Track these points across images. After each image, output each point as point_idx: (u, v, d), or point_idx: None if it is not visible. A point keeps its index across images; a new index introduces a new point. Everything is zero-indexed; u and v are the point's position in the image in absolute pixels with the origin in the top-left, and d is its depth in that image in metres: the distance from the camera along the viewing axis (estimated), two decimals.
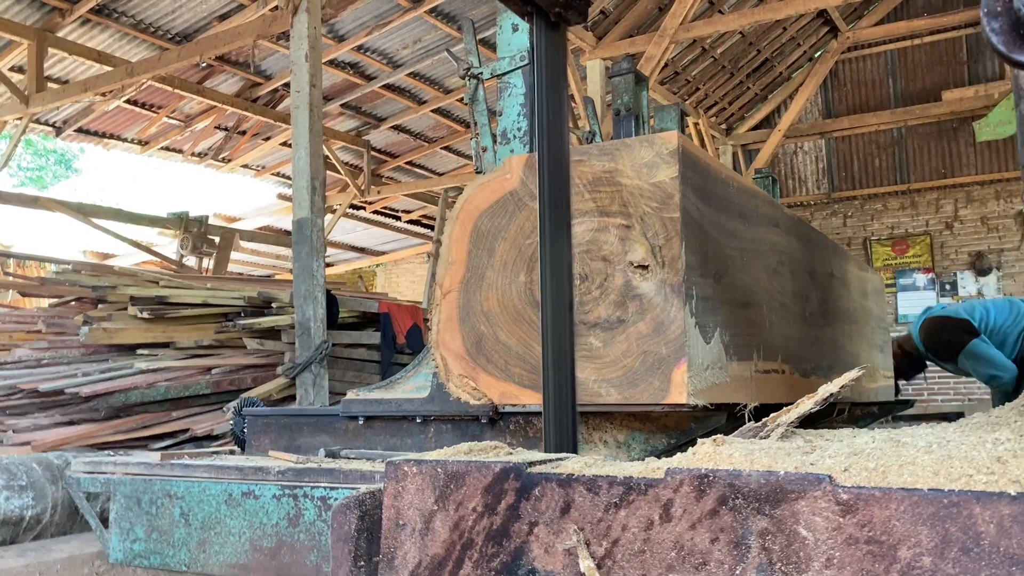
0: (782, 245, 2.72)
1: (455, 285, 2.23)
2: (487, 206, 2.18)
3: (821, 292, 3.16)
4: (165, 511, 2.45)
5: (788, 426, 1.25)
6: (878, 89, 13.36)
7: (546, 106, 1.57)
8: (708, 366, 1.96)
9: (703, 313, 1.96)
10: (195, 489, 2.39)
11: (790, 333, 2.67)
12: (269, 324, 6.42)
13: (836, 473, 0.97)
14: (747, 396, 2.17)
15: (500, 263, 2.16)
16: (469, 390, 2.19)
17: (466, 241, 2.21)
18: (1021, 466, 0.90)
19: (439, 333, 2.25)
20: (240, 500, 2.28)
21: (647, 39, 9.70)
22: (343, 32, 9.89)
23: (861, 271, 4.11)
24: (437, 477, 1.22)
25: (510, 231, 2.14)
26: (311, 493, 2.14)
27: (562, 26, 1.59)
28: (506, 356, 2.12)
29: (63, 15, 8.66)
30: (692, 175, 2.00)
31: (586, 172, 2.02)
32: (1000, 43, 0.77)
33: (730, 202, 2.27)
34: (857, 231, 13.37)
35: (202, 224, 11.03)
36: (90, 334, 5.84)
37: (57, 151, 22.97)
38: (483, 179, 2.23)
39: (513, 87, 2.65)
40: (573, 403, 1.53)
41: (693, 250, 1.95)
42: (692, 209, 1.97)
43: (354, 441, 2.66)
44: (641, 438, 2.18)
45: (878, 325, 4.27)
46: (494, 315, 2.15)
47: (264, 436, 2.91)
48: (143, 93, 10.33)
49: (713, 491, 1.02)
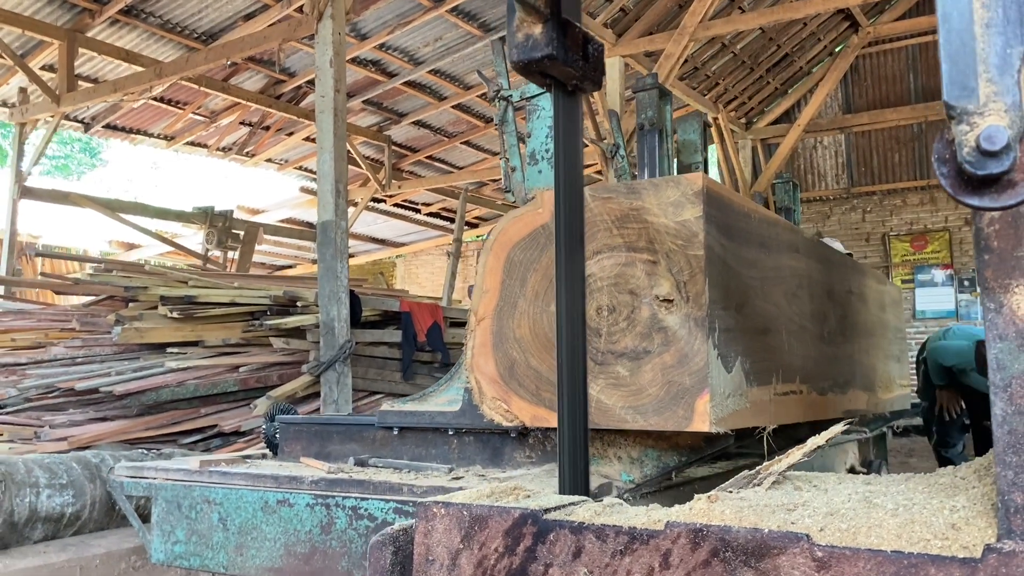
0: (801, 269, 2.81)
1: (489, 312, 2.32)
2: (520, 238, 2.28)
3: (839, 310, 3.25)
4: (204, 516, 2.60)
5: (779, 474, 1.38)
6: (898, 84, 13.35)
7: (563, 164, 1.70)
8: (729, 394, 2.04)
9: (725, 344, 2.05)
10: (232, 496, 2.53)
11: (808, 353, 2.77)
12: (295, 323, 6.60)
13: (813, 532, 1.11)
14: (766, 419, 2.27)
15: (532, 293, 2.25)
16: (502, 412, 2.29)
17: (500, 271, 2.31)
18: (972, 533, 1.03)
19: (474, 358, 2.34)
20: (275, 507, 2.42)
21: (666, 37, 9.77)
22: (365, 31, 10.03)
23: (879, 284, 4.23)
24: (463, 519, 1.37)
25: (542, 263, 2.23)
26: (343, 503, 2.26)
27: (578, 94, 1.72)
28: (537, 381, 2.21)
29: (92, 16, 8.86)
30: (715, 213, 2.08)
31: (614, 209, 2.11)
32: (948, 186, 0.90)
33: (751, 234, 2.36)
34: (876, 226, 13.40)
35: (227, 218, 11.24)
36: (122, 334, 6.05)
37: (83, 140, 23.29)
38: (516, 212, 2.33)
39: (541, 109, 2.71)
40: (585, 441, 1.67)
41: (716, 285, 2.03)
42: (715, 245, 2.06)
43: (382, 450, 2.76)
44: (654, 455, 2.28)
45: (895, 336, 4.38)
46: (526, 342, 2.24)
47: (296, 442, 3.03)
48: (169, 91, 10.53)
49: (706, 544, 1.17)
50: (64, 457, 4.48)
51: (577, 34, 1.66)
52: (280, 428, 3.10)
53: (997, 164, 0.85)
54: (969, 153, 0.86)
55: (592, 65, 1.71)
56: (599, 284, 2.11)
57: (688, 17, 9.45)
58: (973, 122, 0.87)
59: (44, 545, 4.15)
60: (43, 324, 6.79)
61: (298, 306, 6.77)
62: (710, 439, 2.23)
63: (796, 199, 5.31)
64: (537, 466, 2.37)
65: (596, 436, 2.26)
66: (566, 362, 1.72)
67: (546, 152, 2.70)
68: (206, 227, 11.14)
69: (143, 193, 16.05)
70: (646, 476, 2.21)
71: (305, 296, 6.79)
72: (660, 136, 3.71)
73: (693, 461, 2.32)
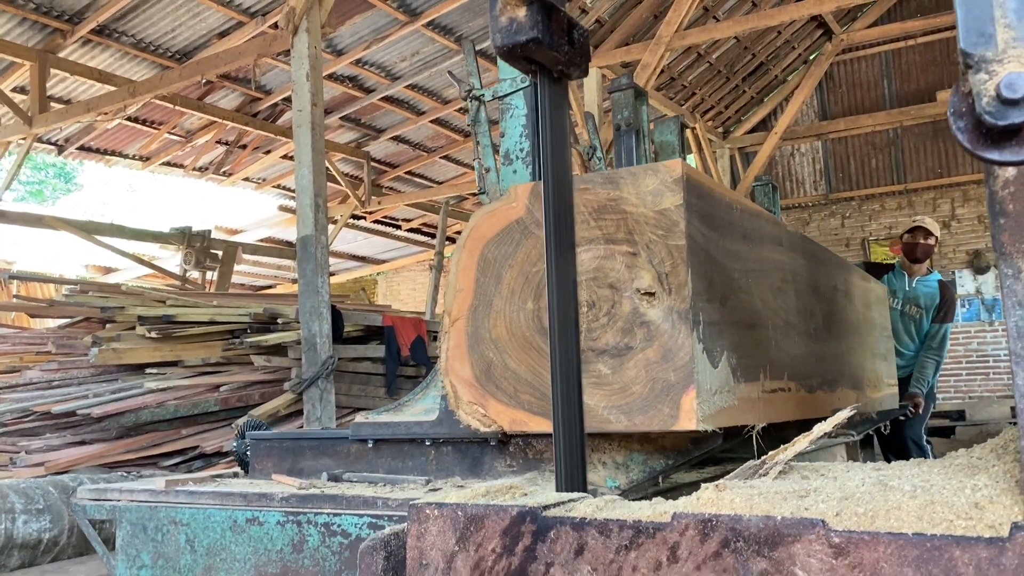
0: (786, 263, 2.74)
1: (463, 312, 2.23)
2: (493, 234, 2.19)
3: (825, 306, 3.19)
4: (171, 538, 2.48)
5: (785, 463, 1.33)
6: (873, 90, 13.46)
7: (551, 155, 1.65)
8: (716, 390, 1.97)
9: (710, 338, 1.97)
10: (200, 516, 2.41)
11: (796, 350, 2.70)
12: (275, 340, 6.51)
13: (829, 517, 1.06)
14: (755, 417, 2.18)
15: (507, 291, 2.16)
16: (479, 417, 2.19)
17: (473, 269, 2.21)
18: (997, 511, 0.98)
19: (448, 360, 2.24)
20: (245, 527, 2.31)
21: (643, 47, 9.79)
22: (342, 46, 9.98)
23: (864, 281, 4.15)
24: (457, 520, 1.30)
25: (517, 259, 2.15)
26: (315, 519, 2.16)
27: (564, 80, 1.67)
28: (515, 383, 2.12)
29: (64, 36, 8.75)
30: (696, 201, 2.01)
31: (591, 200, 2.03)
32: (965, 140, 0.85)
33: (734, 225, 2.28)
34: (855, 231, 13.46)
35: (205, 238, 11.12)
36: (99, 355, 5.93)
37: (57, 165, 23.05)
38: (489, 207, 2.24)
39: (515, 108, 2.63)
40: (582, 438, 1.61)
41: (699, 276, 1.95)
42: (697, 235, 1.98)
43: (357, 464, 2.64)
44: (640, 459, 2.18)
45: (881, 334, 4.31)
46: (502, 342, 2.15)
47: (267, 459, 2.90)
48: (144, 110, 10.42)
49: (716, 535, 1.11)
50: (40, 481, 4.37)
51: (562, 18, 1.61)
52: (251, 445, 2.96)
53: (1019, 113, 0.80)
54: (989, 103, 0.82)
55: (578, 51, 1.66)
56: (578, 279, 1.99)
57: (664, 27, 9.48)
58: (992, 70, 0.82)
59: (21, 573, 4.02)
60: (18, 348, 6.66)
61: (279, 323, 6.68)
62: (697, 440, 2.15)
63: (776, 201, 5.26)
64: (519, 475, 2.27)
65: None
66: (559, 354, 1.64)
67: (521, 151, 2.62)
68: (184, 248, 11.02)
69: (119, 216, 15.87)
70: (632, 481, 2.12)
71: (285, 313, 6.70)
72: (637, 137, 3.61)
73: (680, 464, 2.23)
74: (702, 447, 2.17)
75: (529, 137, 2.59)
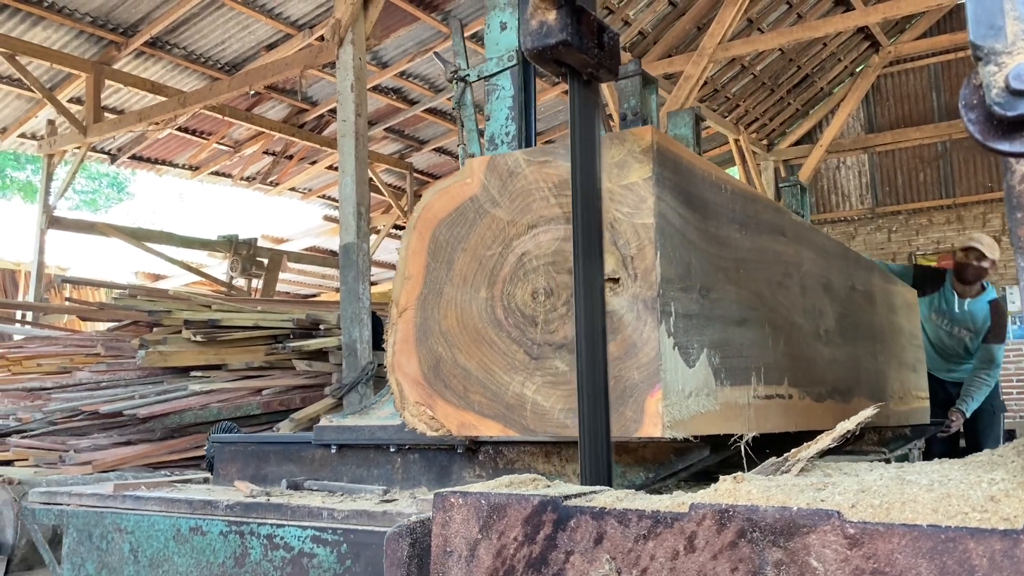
0: (789, 256, 2.50)
1: (412, 302, 2.02)
2: (446, 214, 1.98)
3: (839, 307, 2.93)
4: (115, 546, 2.30)
5: (808, 461, 1.34)
6: (921, 103, 13.27)
7: (579, 159, 1.67)
8: (691, 393, 1.75)
9: (685, 332, 1.76)
10: (144, 523, 2.24)
11: (800, 353, 2.46)
12: (317, 346, 6.60)
13: (844, 509, 1.07)
14: (743, 425, 1.97)
15: (459, 277, 1.94)
16: (426, 419, 1.98)
17: (424, 253, 2.01)
18: (1012, 505, 0.98)
19: (395, 356, 2.03)
20: (188, 536, 2.13)
21: (685, 59, 9.79)
22: (386, 59, 10.13)
23: (889, 284, 3.88)
24: (481, 508, 1.33)
25: (470, 241, 1.93)
26: (257, 530, 2.00)
27: (594, 83, 1.70)
28: (465, 382, 1.91)
29: (119, 48, 9.02)
30: (671, 176, 1.80)
31: (552, 174, 1.84)
32: (976, 132, 0.86)
33: (722, 207, 2.06)
34: (902, 246, 13.25)
35: (251, 246, 11.32)
36: (146, 357, 6.07)
37: (110, 175, 23.67)
38: (442, 184, 2.03)
39: (501, 89, 2.44)
40: (607, 432, 1.62)
41: (672, 261, 1.74)
42: (671, 214, 1.77)
43: (321, 471, 2.48)
44: (617, 472, 1.98)
45: (910, 342, 4.01)
46: (453, 335, 1.94)
47: (232, 464, 2.71)
48: (194, 121, 10.67)
49: (733, 525, 1.12)
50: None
51: (592, 21, 1.64)
52: (216, 449, 2.79)
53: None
54: (998, 94, 0.83)
55: (608, 53, 1.68)
56: (535, 264, 1.83)
57: (707, 39, 9.46)
58: (1001, 62, 0.83)
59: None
60: (69, 350, 6.84)
61: (320, 329, 6.77)
62: (681, 452, 1.93)
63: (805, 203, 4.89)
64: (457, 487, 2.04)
65: (553, 451, 2.04)
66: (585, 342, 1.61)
67: (506, 135, 2.41)
68: (230, 255, 11.23)
69: (169, 224, 16.23)
70: None
71: (327, 319, 6.79)
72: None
73: (663, 477, 1.98)
74: (687, 458, 1.95)
75: (515, 120, 2.41)
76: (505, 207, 1.90)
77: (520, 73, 2.41)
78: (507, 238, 1.89)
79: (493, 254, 1.90)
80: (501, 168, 1.92)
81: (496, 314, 1.89)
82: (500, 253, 1.89)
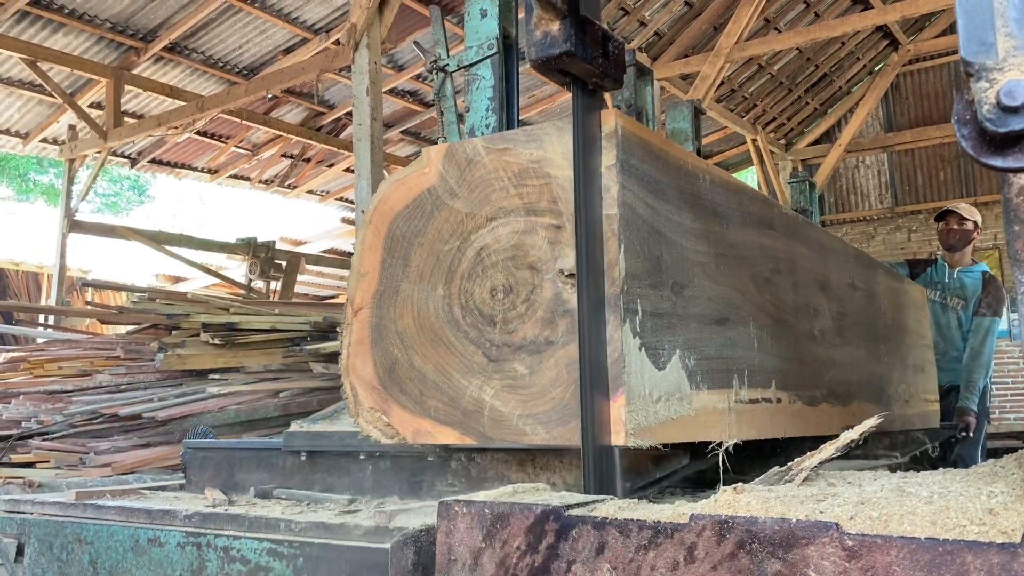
0: (779, 250, 2.37)
1: (367, 301, 1.90)
2: (403, 206, 1.87)
3: (837, 306, 2.79)
4: (75, 558, 2.20)
5: (811, 470, 1.34)
6: (941, 101, 13.16)
7: (583, 168, 1.67)
8: (660, 397, 1.64)
9: (654, 332, 1.65)
10: (104, 533, 2.15)
11: (790, 354, 2.32)
12: (334, 348, 6.63)
13: (843, 521, 1.07)
14: (722, 431, 1.85)
15: (416, 274, 1.84)
16: (381, 426, 1.87)
17: (380, 248, 1.90)
18: (1011, 518, 0.98)
19: (349, 358, 1.92)
20: (146, 547, 2.05)
21: (702, 59, 9.76)
22: (402, 62, 10.18)
23: (894, 282, 3.72)
24: (484, 517, 1.35)
25: (427, 235, 1.83)
26: (214, 542, 1.91)
27: (599, 92, 1.71)
28: (421, 386, 1.81)
29: (138, 54, 9.11)
30: (638, 164, 1.70)
31: (512, 163, 1.73)
32: (970, 147, 0.86)
33: (700, 199, 1.95)
34: (922, 245, 13.14)
35: (269, 249, 11.39)
36: (165, 360, 6.13)
37: (131, 178, 23.89)
38: (398, 175, 1.92)
39: (481, 79, 2.36)
40: (610, 439, 1.62)
41: (638, 255, 1.64)
42: (638, 205, 1.67)
43: (291, 479, 2.39)
44: None
45: (917, 343, 3.86)
46: (409, 336, 1.83)
47: (203, 471, 2.62)
48: (212, 125, 10.76)
49: (732, 536, 1.13)
50: None
51: (596, 31, 1.64)
52: (188, 455, 2.69)
53: (1019, 120, 0.81)
54: (989, 110, 0.83)
55: (613, 63, 1.69)
56: (494, 259, 1.73)
57: (723, 39, 9.43)
58: (993, 78, 0.84)
59: None
60: (89, 352, 6.91)
61: (337, 331, 6.81)
62: (659, 460, 1.82)
63: (813, 200, 4.73)
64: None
65: (527, 459, 1.94)
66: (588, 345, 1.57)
67: (486, 127, 2.30)
68: (249, 258, 11.30)
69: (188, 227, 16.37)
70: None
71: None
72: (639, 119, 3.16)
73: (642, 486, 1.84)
74: (665, 467, 1.85)
75: (496, 111, 2.32)
76: (463, 198, 1.80)
77: (501, 62, 2.33)
78: (465, 231, 1.79)
79: (451, 249, 1.80)
80: (459, 157, 1.82)
81: (453, 313, 1.78)
82: (458, 248, 1.79)
